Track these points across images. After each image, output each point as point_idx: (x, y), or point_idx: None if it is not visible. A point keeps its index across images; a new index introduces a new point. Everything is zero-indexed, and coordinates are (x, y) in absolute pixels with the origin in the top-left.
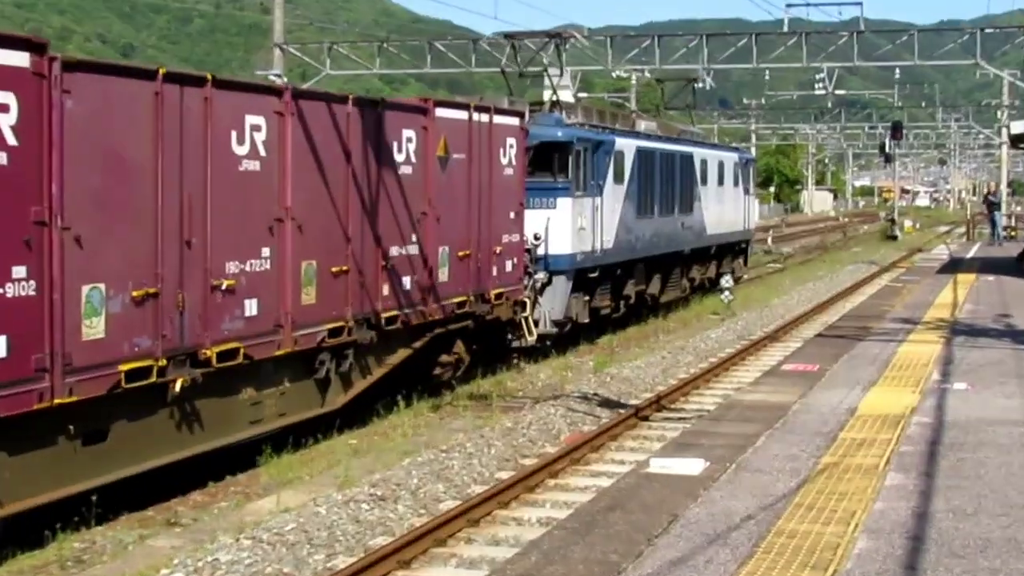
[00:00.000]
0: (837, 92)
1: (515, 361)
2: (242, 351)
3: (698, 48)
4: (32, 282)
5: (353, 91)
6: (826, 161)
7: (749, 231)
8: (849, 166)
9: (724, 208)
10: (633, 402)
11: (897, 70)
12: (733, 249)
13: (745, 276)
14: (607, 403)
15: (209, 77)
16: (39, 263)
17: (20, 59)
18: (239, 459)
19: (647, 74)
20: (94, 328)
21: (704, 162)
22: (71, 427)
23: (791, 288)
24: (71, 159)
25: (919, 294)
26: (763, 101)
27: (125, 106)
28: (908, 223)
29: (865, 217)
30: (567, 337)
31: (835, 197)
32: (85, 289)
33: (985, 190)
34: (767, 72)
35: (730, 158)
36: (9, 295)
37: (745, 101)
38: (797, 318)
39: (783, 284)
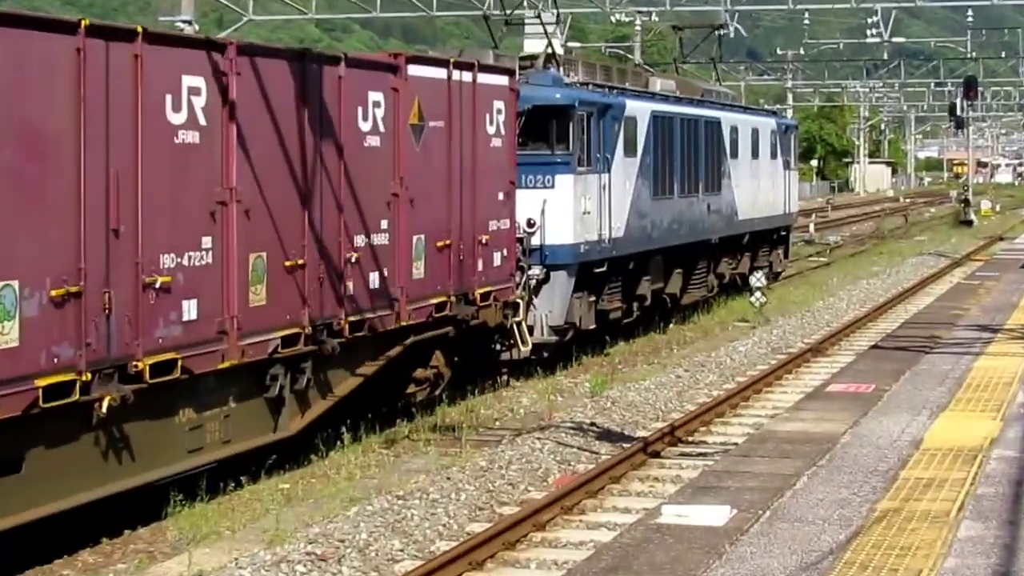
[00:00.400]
0: (894, 40)
1: (504, 377)
2: (180, 363)
3: None
4: None
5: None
6: (882, 127)
7: (790, 215)
8: (911, 133)
9: (759, 187)
10: (641, 434)
11: (970, 11)
12: (770, 238)
13: (785, 271)
14: (608, 435)
15: (140, 30)
16: None
17: None
18: (141, 506)
19: (655, 18)
20: (7, 335)
21: (735, 130)
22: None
23: (839, 288)
24: None
25: (1000, 294)
26: (802, 52)
27: (38, 67)
28: (986, 204)
29: (931, 197)
30: (564, 348)
31: (894, 172)
32: (6, 287)
33: None
34: (806, 15)
35: (766, 124)
36: None
37: (779, 52)
38: (847, 326)
39: (829, 283)
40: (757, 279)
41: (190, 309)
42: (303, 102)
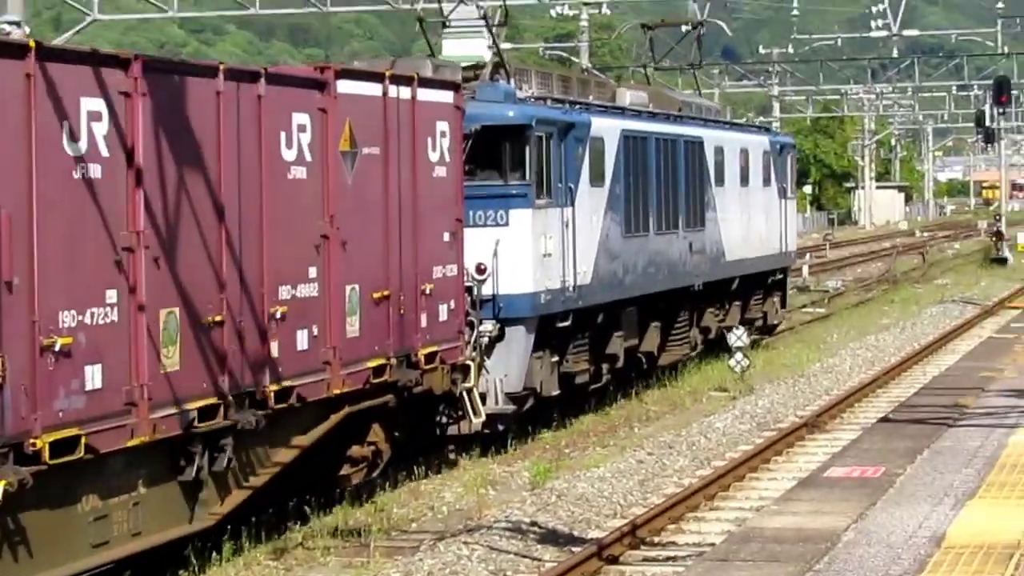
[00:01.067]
0: (906, 33)
1: (450, 456)
2: (83, 440)
3: None
4: None
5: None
6: (892, 143)
7: (788, 254)
8: (928, 150)
9: (751, 220)
10: (594, 534)
11: None
12: (764, 282)
13: (782, 323)
14: (553, 537)
15: (32, 45)
16: None
17: None
18: None
19: (605, 11)
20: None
21: (719, 151)
22: None
23: (840, 345)
24: None
25: None
26: (791, 50)
27: None
28: None
29: (955, 229)
30: (523, 420)
31: (908, 199)
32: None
33: None
34: (795, 4)
35: (758, 144)
36: None
37: (763, 50)
38: (850, 394)
39: (828, 339)
40: (738, 337)
41: (94, 376)
42: (217, 127)
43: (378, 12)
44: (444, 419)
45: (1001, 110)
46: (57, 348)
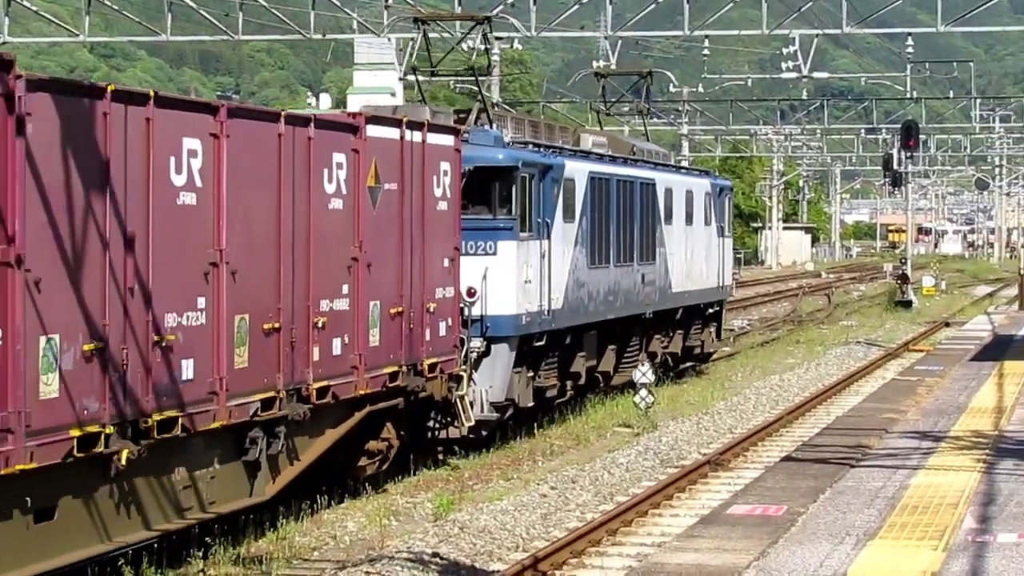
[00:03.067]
0: (816, 75)
1: (440, 458)
2: (180, 421)
3: (598, 4)
4: None
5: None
6: (800, 184)
7: (725, 288)
8: (836, 192)
9: (693, 256)
10: (496, 567)
11: (910, 40)
12: (703, 313)
13: (716, 353)
14: (455, 569)
15: (152, 94)
16: (5, 309)
17: None
18: None
19: (517, 45)
20: (50, 386)
21: (669, 192)
22: (27, 499)
23: (744, 384)
24: None
25: (944, 393)
26: (701, 89)
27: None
28: (929, 281)
29: (861, 272)
30: (502, 427)
31: (814, 241)
32: (43, 341)
33: None
34: (706, 43)
35: (700, 186)
36: None
37: (673, 89)
38: (754, 432)
39: (732, 378)
40: (643, 374)
41: (188, 369)
42: (278, 164)
43: (289, 42)
44: (434, 424)
45: (908, 154)
46: (164, 344)
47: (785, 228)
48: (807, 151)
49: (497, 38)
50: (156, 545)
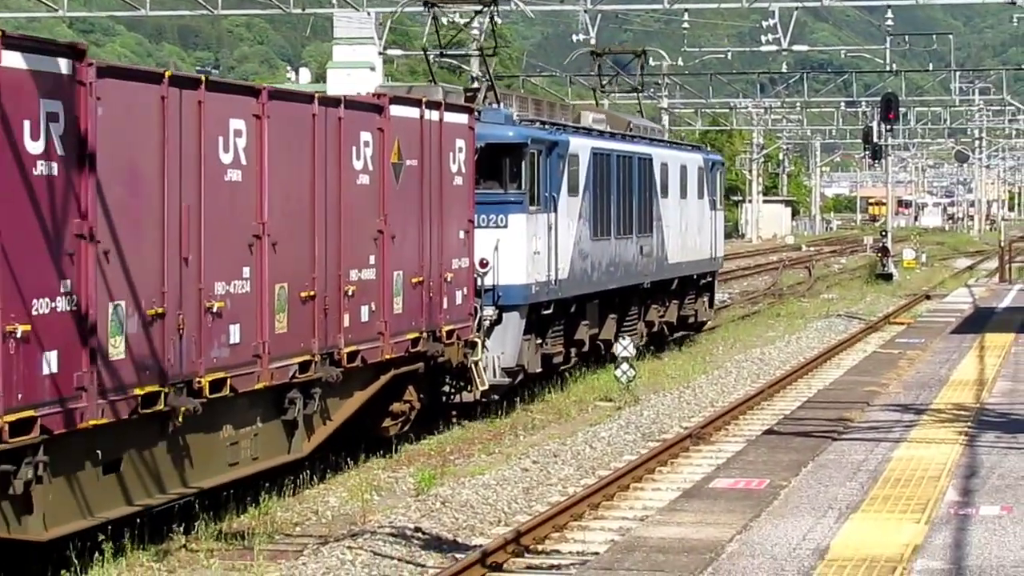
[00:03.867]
0: (795, 48)
1: (453, 421)
2: (229, 382)
3: None
4: (73, 297)
5: None
6: (780, 158)
7: (717, 260)
8: (816, 165)
9: (688, 229)
10: (478, 541)
11: (890, 12)
12: (697, 284)
13: (709, 322)
14: (437, 543)
15: (204, 79)
16: (79, 280)
17: None
18: None
19: (496, 20)
20: (117, 348)
21: (664, 167)
22: (97, 452)
23: (725, 358)
24: None
25: (926, 366)
26: (680, 63)
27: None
28: (909, 254)
29: (842, 245)
30: (512, 391)
31: (794, 214)
32: (110, 307)
33: None
34: (685, 16)
35: (694, 161)
36: (59, 309)
37: (652, 63)
38: (735, 406)
39: (713, 352)
40: (624, 347)
41: (235, 333)
42: (312, 143)
43: (269, 16)
44: (446, 390)
45: (888, 127)
46: (214, 310)
47: (765, 201)
48: (787, 124)
49: (477, 12)
50: (138, 520)
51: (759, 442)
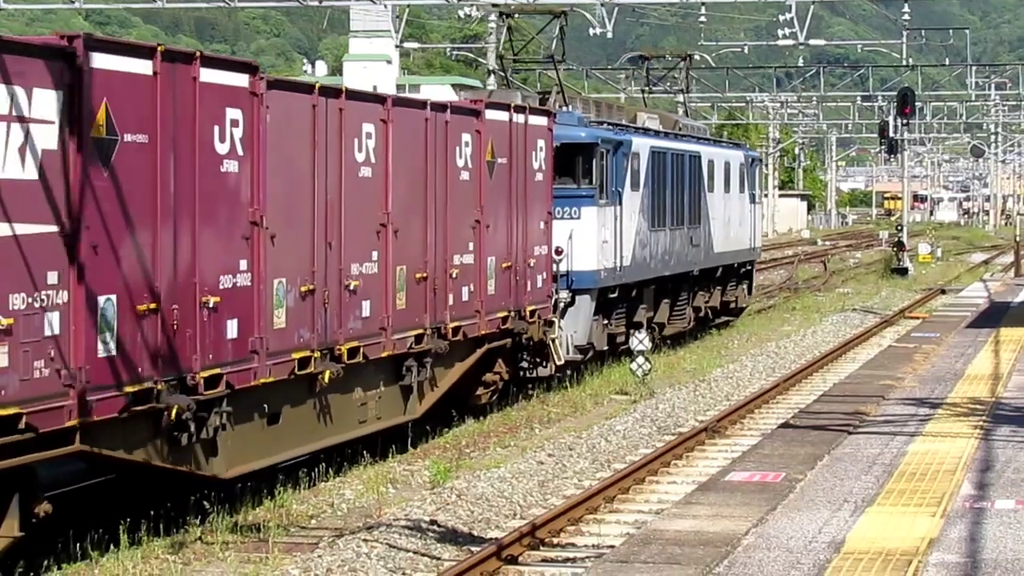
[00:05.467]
0: (812, 42)
1: (531, 393)
2: (362, 350)
3: None
4: (249, 274)
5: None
6: (796, 152)
7: (756, 249)
8: (832, 159)
9: (731, 220)
10: (493, 534)
11: (906, 7)
12: (738, 272)
13: (747, 306)
14: (452, 536)
15: (344, 89)
16: (253, 260)
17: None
18: None
19: (514, 17)
20: (280, 319)
21: (711, 163)
22: (264, 407)
23: (741, 352)
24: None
25: (941, 360)
26: (696, 56)
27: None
28: (925, 249)
29: (857, 239)
30: (581, 367)
31: (810, 208)
32: (276, 283)
33: None
34: (702, 11)
35: (736, 157)
36: (239, 284)
37: (668, 57)
38: (751, 399)
39: (728, 346)
40: (640, 341)
41: (366, 308)
42: (426, 144)
43: (285, 8)
44: (524, 366)
45: (904, 121)
46: (351, 288)
47: (781, 196)
48: (803, 118)
49: (494, 5)
50: (153, 512)
51: (775, 436)
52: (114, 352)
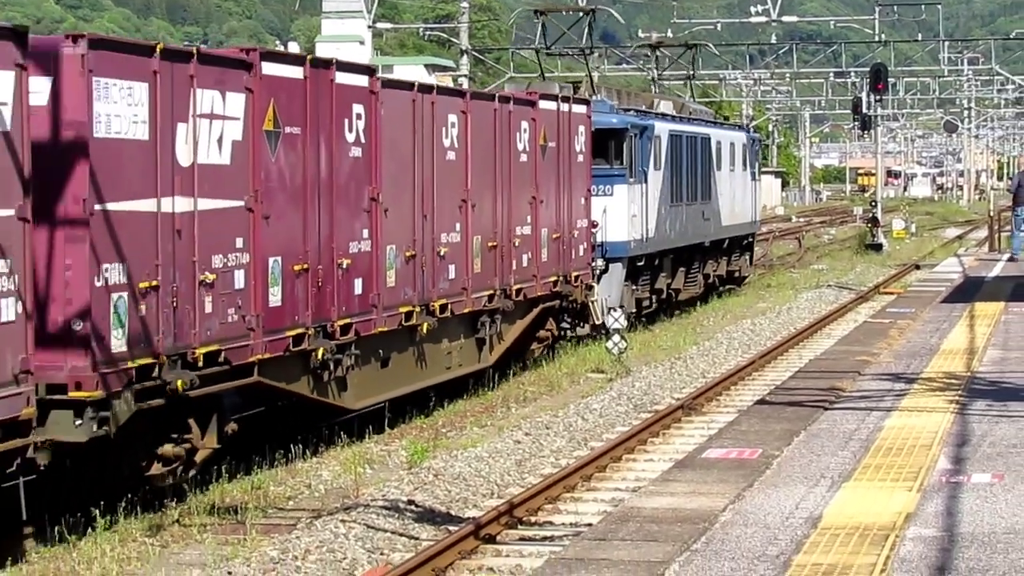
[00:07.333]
0: (784, 19)
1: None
2: (449, 307)
3: None
4: (369, 241)
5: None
6: (769, 129)
7: (756, 223)
8: (805, 136)
9: (735, 196)
10: (471, 513)
11: None
12: (741, 244)
13: (749, 276)
14: (430, 515)
15: (435, 87)
16: (372, 229)
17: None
18: None
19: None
20: (391, 279)
21: (719, 144)
22: (379, 351)
23: (716, 329)
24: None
25: (916, 335)
26: (670, 34)
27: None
28: (899, 224)
29: (832, 215)
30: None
31: (784, 185)
32: (388, 249)
33: (1017, 169)
34: None
35: (739, 139)
36: (362, 250)
37: (642, 35)
38: (726, 376)
39: (704, 323)
40: (615, 319)
41: (451, 271)
42: (494, 131)
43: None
44: (564, 325)
45: (877, 97)
46: (441, 254)
47: None
48: (776, 95)
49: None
50: (130, 496)
51: (751, 412)
52: (280, 303)
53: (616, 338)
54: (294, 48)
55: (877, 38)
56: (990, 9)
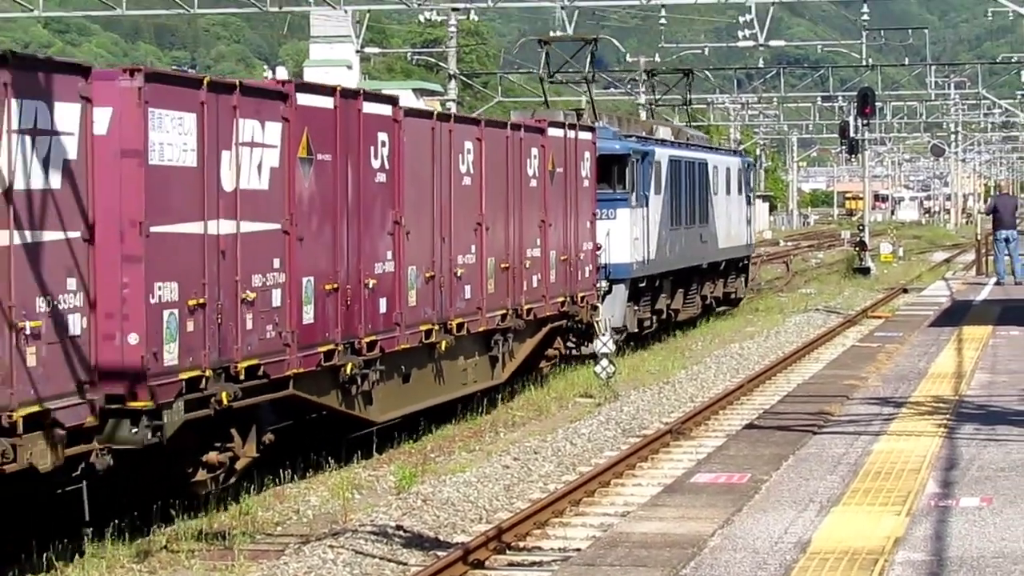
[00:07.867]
0: (772, 43)
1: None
2: (466, 325)
3: None
4: (393, 262)
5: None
6: (757, 153)
7: (751, 245)
8: (793, 160)
9: (731, 219)
10: (460, 539)
11: (865, 7)
12: (737, 265)
13: (745, 297)
14: (418, 541)
15: (452, 116)
16: (395, 251)
17: None
18: None
19: (473, 17)
20: (412, 298)
21: (715, 169)
22: (401, 367)
23: (705, 353)
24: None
25: (904, 359)
26: (657, 59)
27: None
28: (886, 248)
29: (819, 239)
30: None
31: (772, 209)
32: (409, 270)
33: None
34: (663, 13)
35: (734, 163)
36: (387, 271)
37: (630, 59)
38: (715, 401)
39: (692, 347)
40: (604, 344)
41: (467, 291)
42: (507, 158)
43: (245, 15)
44: (569, 344)
45: (865, 121)
46: (458, 275)
47: None
48: (764, 119)
49: (454, 9)
50: (118, 521)
51: (739, 437)
52: (312, 320)
53: (604, 363)
54: (282, 73)
55: (864, 62)
56: (976, 33)
